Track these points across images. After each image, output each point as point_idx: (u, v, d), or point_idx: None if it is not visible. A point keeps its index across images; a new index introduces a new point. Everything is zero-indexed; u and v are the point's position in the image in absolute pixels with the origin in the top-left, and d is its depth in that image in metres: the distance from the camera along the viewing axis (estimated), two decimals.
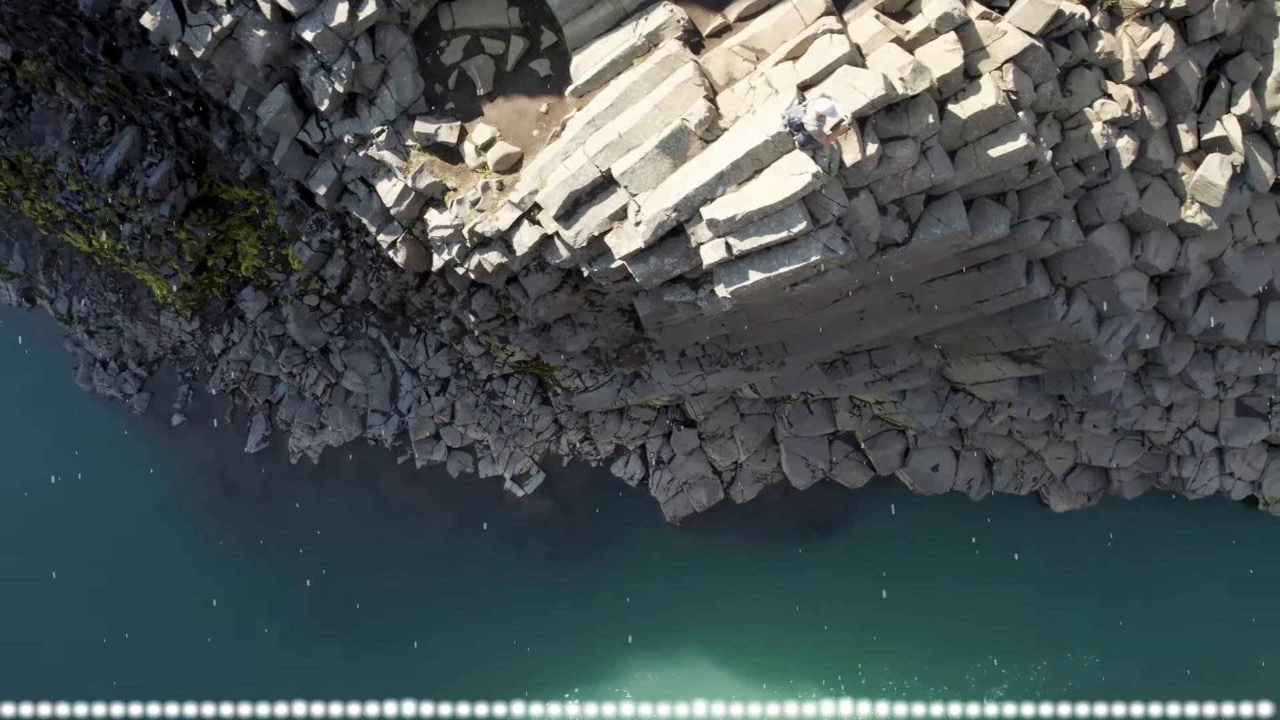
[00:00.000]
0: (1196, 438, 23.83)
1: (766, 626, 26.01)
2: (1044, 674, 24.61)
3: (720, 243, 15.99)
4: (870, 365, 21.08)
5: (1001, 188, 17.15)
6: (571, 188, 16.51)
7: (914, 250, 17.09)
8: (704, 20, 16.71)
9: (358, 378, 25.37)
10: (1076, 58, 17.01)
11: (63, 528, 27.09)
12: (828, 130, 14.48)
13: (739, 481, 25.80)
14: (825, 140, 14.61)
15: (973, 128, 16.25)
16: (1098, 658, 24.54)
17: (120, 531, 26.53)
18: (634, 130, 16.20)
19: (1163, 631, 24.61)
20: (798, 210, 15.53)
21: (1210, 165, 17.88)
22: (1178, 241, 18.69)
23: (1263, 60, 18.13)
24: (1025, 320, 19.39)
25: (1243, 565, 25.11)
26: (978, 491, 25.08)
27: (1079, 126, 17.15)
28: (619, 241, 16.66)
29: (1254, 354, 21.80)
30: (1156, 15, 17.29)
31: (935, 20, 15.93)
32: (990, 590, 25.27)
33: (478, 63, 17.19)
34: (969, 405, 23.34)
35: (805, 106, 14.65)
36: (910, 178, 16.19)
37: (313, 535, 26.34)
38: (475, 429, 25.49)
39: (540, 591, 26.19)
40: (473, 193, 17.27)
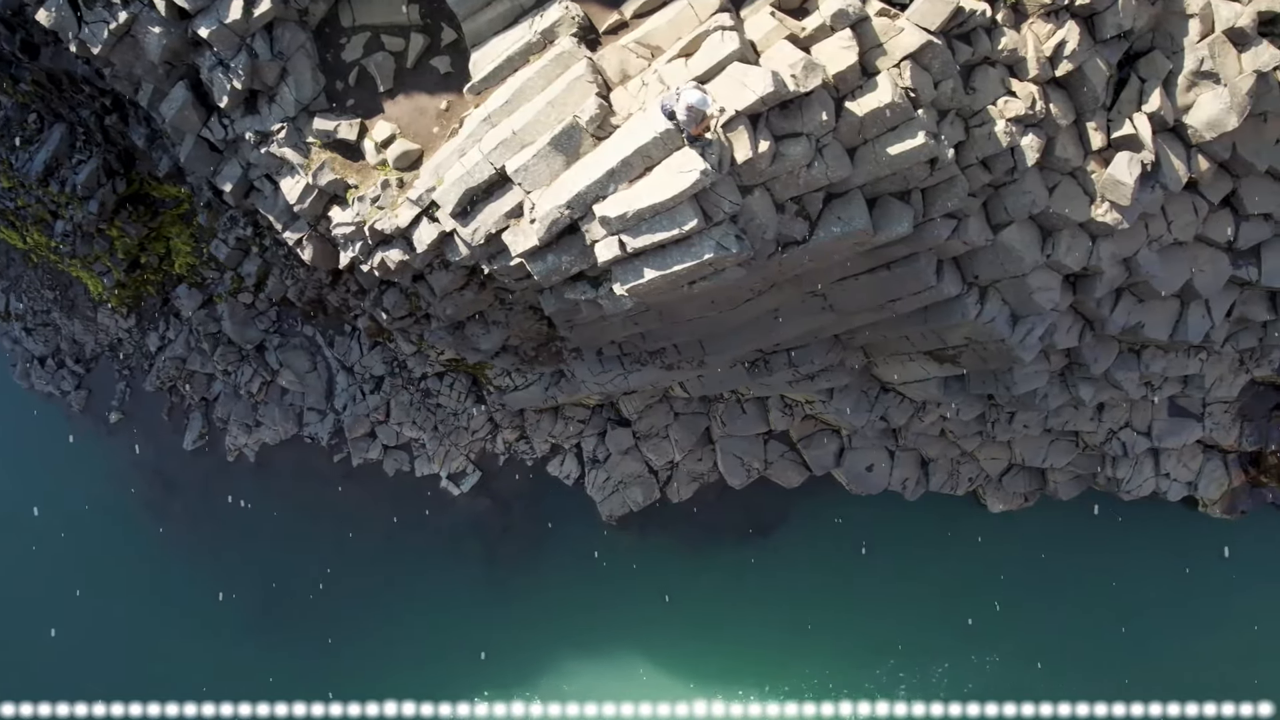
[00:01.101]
0: (1129, 438, 23.66)
1: (704, 626, 25.92)
2: (946, 674, 24.56)
3: (614, 240, 15.93)
4: (789, 364, 20.99)
5: (905, 186, 17.04)
6: (467, 185, 16.49)
7: (815, 249, 17.00)
8: (601, 17, 16.66)
9: (293, 376, 25.35)
10: (979, 55, 16.88)
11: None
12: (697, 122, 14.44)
13: (675, 481, 25.71)
14: (695, 131, 14.52)
15: (871, 125, 16.16)
16: (1001, 657, 24.42)
17: (58, 529, 26.56)
18: (527, 127, 16.16)
19: (1087, 632, 24.47)
20: (689, 208, 15.47)
21: (1119, 164, 17.72)
22: (1089, 240, 18.54)
23: (1174, 58, 17.93)
24: (939, 320, 19.28)
25: (1179, 566, 24.93)
26: (912, 492, 24.95)
27: (982, 124, 17.01)
28: (516, 239, 16.63)
29: (1179, 354, 21.64)
30: (1062, 12, 17.13)
31: (830, 17, 15.85)
32: (920, 591, 25.16)
33: (377, 60, 17.17)
34: (899, 405, 23.22)
35: (679, 94, 14.58)
36: (806, 175, 16.09)
37: (251, 533, 26.36)
38: (410, 427, 25.46)
39: (477, 590, 26.16)
40: (373, 190, 17.26)
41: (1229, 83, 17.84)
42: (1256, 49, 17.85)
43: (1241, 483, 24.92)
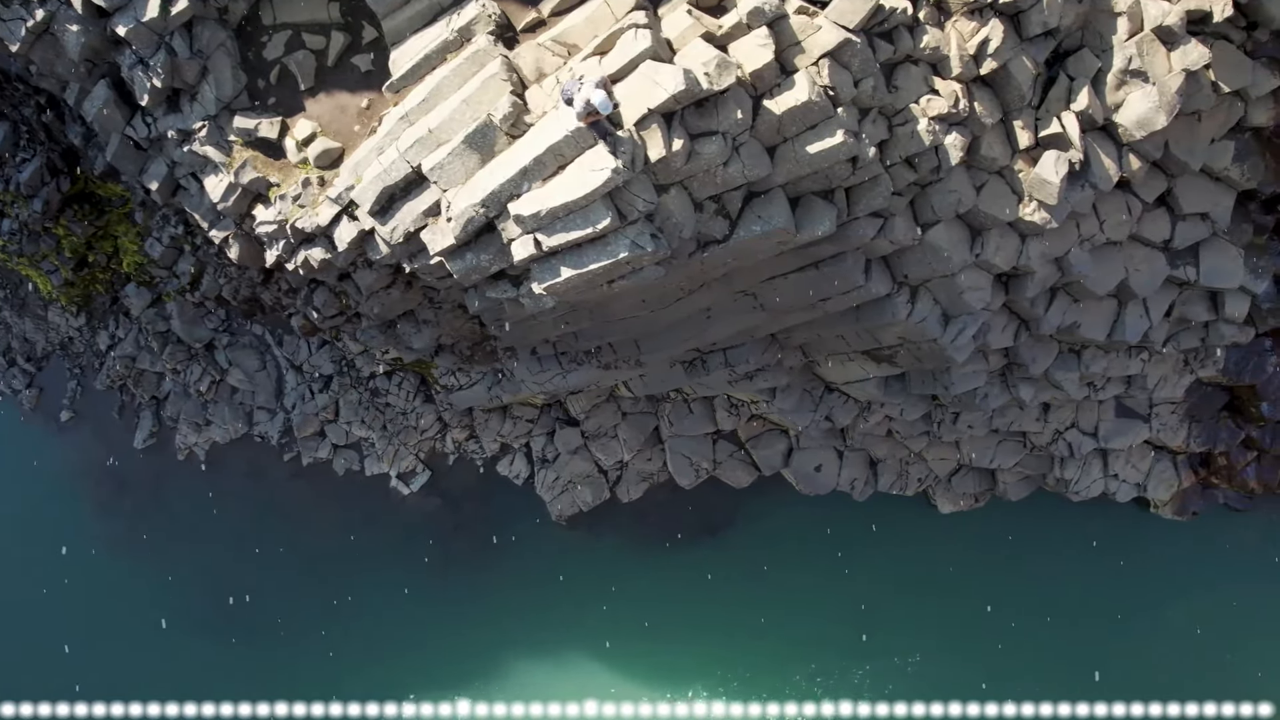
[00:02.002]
0: (1075, 439, 23.53)
1: (654, 626, 25.84)
2: (913, 671, 24.54)
3: (529, 239, 15.89)
4: (725, 364, 20.92)
5: (827, 184, 16.94)
6: (385, 183, 16.45)
7: (737, 248, 16.92)
8: (519, 15, 16.60)
9: (242, 375, 25.34)
10: (901, 53, 16.79)
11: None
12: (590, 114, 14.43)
13: (625, 481, 25.65)
14: (584, 120, 14.46)
15: (789, 124, 16.07)
16: (948, 658, 24.34)
17: (9, 526, 26.58)
18: (443, 125, 16.11)
19: (1034, 632, 24.37)
20: (602, 206, 15.42)
21: (1046, 162, 17.62)
22: (1019, 239, 18.44)
23: (1103, 57, 17.84)
24: (871, 319, 19.19)
25: (1127, 567, 24.78)
26: (861, 492, 24.86)
27: (905, 123, 16.91)
28: (434, 238, 16.59)
29: (1120, 354, 21.52)
30: (986, 10, 17.04)
31: (747, 15, 15.76)
32: (871, 591, 25.06)
33: (298, 58, 17.15)
34: (844, 405, 23.12)
35: (581, 84, 14.52)
36: (723, 174, 16.01)
37: (202, 531, 26.36)
38: (359, 426, 25.44)
39: (427, 590, 26.11)
40: (294, 189, 17.24)
41: (1158, 81, 17.73)
42: (1185, 48, 17.76)
43: (1192, 484, 24.76)
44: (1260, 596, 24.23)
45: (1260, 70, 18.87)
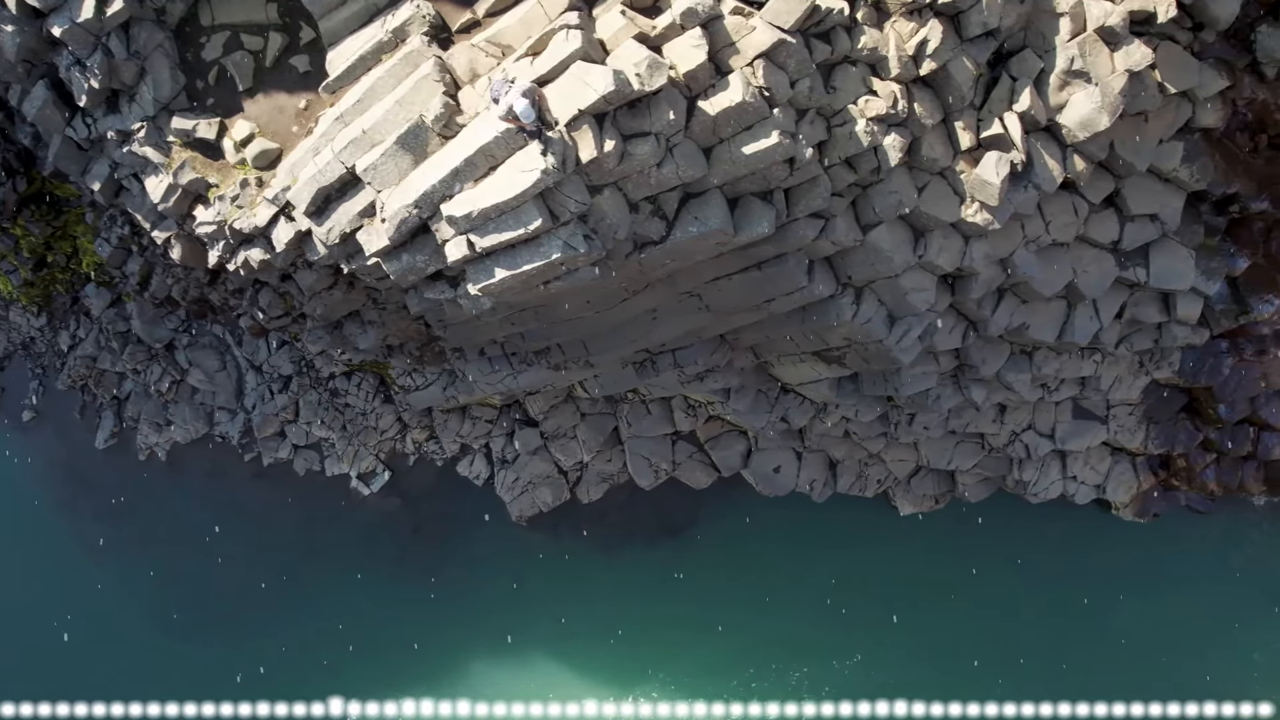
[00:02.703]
0: (1032, 441, 23.45)
1: (614, 626, 25.80)
2: (852, 671, 24.48)
3: (463, 240, 15.89)
4: (675, 365, 20.89)
5: (766, 185, 16.91)
6: (320, 184, 16.44)
7: (674, 249, 16.89)
8: (454, 16, 16.58)
9: (202, 375, 25.36)
10: (839, 54, 16.72)
11: None
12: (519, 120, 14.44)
13: (585, 481, 25.61)
14: (508, 121, 14.46)
15: (724, 124, 16.03)
16: (907, 657, 24.30)
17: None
18: (377, 126, 16.10)
19: (992, 633, 24.33)
20: (533, 207, 15.41)
21: (987, 163, 17.55)
22: (962, 241, 18.37)
23: (1045, 57, 17.75)
24: (816, 320, 19.15)
25: (1086, 567, 24.73)
26: (820, 493, 24.80)
27: (844, 123, 16.86)
28: (369, 238, 16.58)
29: (1072, 356, 21.45)
30: (925, 11, 16.96)
31: (680, 15, 15.71)
32: (829, 592, 25.01)
33: (236, 59, 17.15)
34: (800, 406, 23.08)
35: (509, 87, 14.48)
36: (657, 174, 15.98)
37: (164, 532, 26.37)
38: (319, 427, 25.43)
39: (388, 590, 26.09)
40: (233, 189, 17.25)
41: (1100, 82, 17.65)
42: (1128, 48, 17.67)
43: (1152, 486, 24.67)
44: (1219, 597, 24.18)
45: (1208, 71, 18.82)
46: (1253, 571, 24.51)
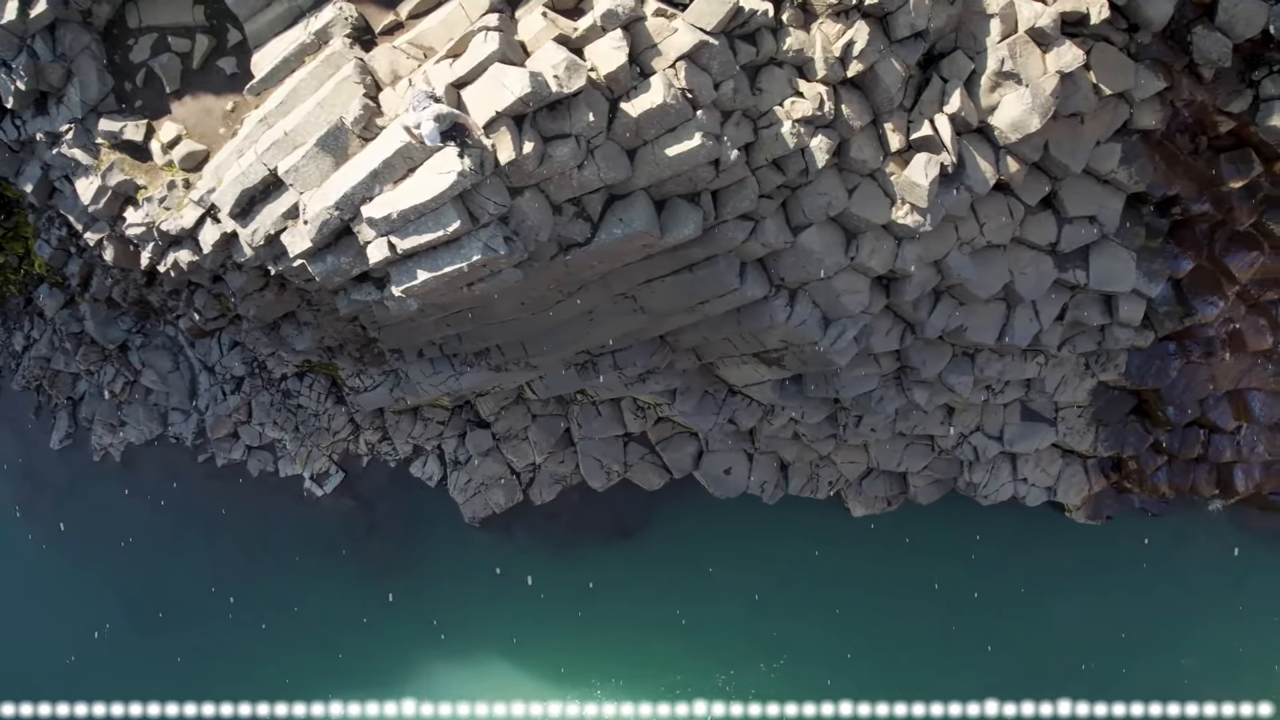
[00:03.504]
0: (980, 443, 23.38)
1: (569, 627, 25.83)
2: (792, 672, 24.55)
3: (384, 241, 15.87)
4: (615, 367, 20.88)
5: (692, 187, 16.88)
6: (243, 185, 16.46)
7: (600, 250, 16.88)
8: (377, 18, 16.61)
9: (155, 376, 25.40)
10: (764, 55, 16.71)
11: None
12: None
13: (538, 483, 25.61)
14: (410, 132, 14.49)
15: (647, 126, 16.01)
16: (858, 659, 24.34)
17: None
18: (299, 128, 16.11)
19: (940, 633, 24.34)
20: (452, 209, 15.39)
21: (916, 165, 17.51)
22: (894, 243, 18.33)
23: (976, 59, 17.70)
24: (751, 322, 19.12)
25: (1036, 569, 24.70)
26: (771, 495, 24.76)
27: (770, 125, 16.83)
28: (293, 240, 16.57)
29: (1014, 358, 21.39)
30: (851, 12, 16.94)
31: (600, 17, 15.68)
32: (780, 593, 25.06)
33: (163, 61, 17.18)
34: (747, 407, 23.05)
35: (426, 104, 14.46)
36: (579, 177, 15.96)
37: (119, 533, 26.42)
38: (272, 428, 25.46)
39: (342, 590, 26.14)
40: (160, 191, 17.27)
41: (1031, 83, 17.59)
42: (1059, 49, 17.60)
43: (1104, 488, 24.59)
44: (1157, 600, 24.16)
45: (1144, 72, 18.75)
46: (1197, 574, 24.47)
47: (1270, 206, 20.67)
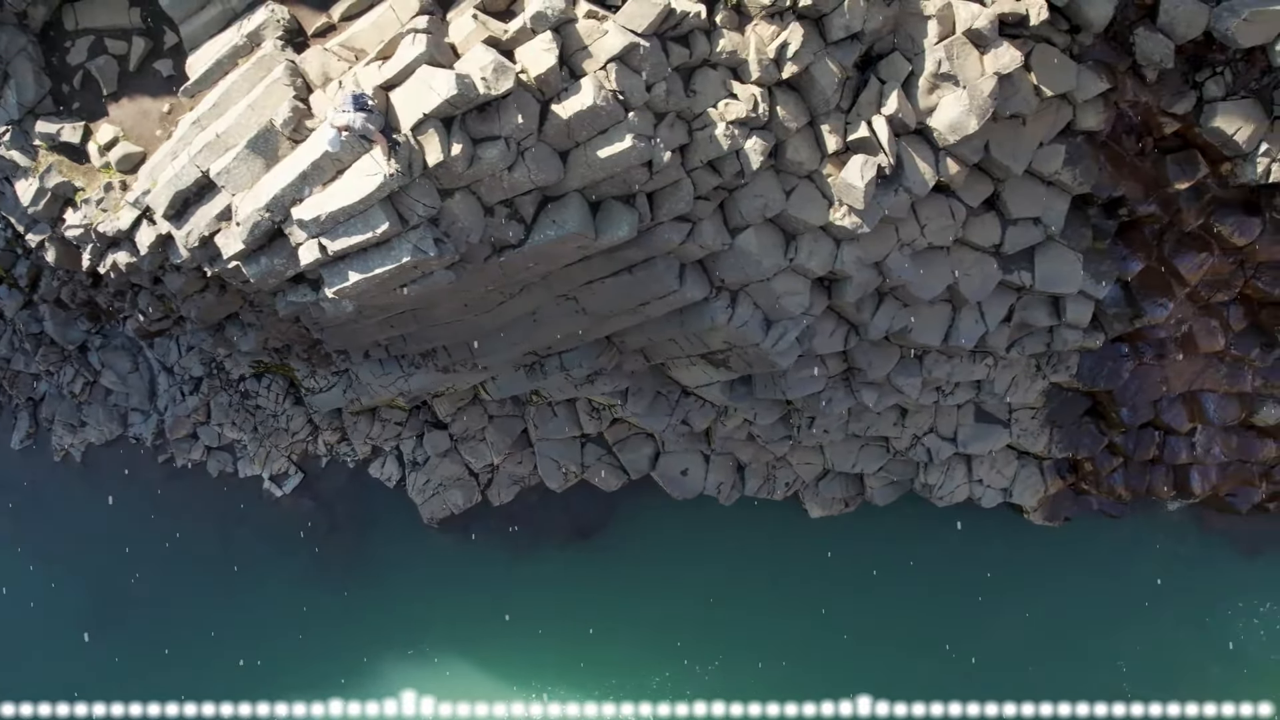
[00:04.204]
0: (934, 444, 23.35)
1: (527, 628, 25.83)
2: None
3: (314, 243, 15.94)
4: (561, 368, 20.90)
5: (627, 189, 16.89)
6: (177, 187, 16.52)
7: (534, 252, 16.91)
8: (309, 20, 16.67)
9: (115, 376, 25.47)
10: (698, 57, 16.73)
11: None
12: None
13: (496, 484, 25.63)
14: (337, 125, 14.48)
15: (578, 128, 16.04)
16: (816, 660, 24.43)
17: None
18: (230, 130, 16.17)
19: (895, 635, 24.36)
20: (380, 210, 15.46)
21: (852, 167, 17.50)
22: (833, 244, 18.33)
23: (914, 60, 17.69)
24: (694, 324, 19.14)
25: (993, 570, 24.68)
26: (727, 496, 24.77)
27: (705, 127, 16.86)
28: (227, 242, 16.63)
29: (962, 359, 21.36)
30: (786, 14, 16.96)
31: (530, 19, 15.75)
32: (739, 593, 25.08)
33: (100, 63, 17.28)
34: (700, 409, 23.06)
35: (346, 109, 14.48)
36: (509, 178, 15.99)
37: (80, 533, 26.48)
38: (231, 428, 25.52)
39: (302, 590, 26.15)
40: (97, 193, 17.33)
41: (969, 85, 17.59)
42: (997, 50, 17.60)
43: (1061, 490, 24.54)
44: (1105, 601, 24.19)
45: (1086, 74, 18.72)
46: (1155, 575, 24.44)
47: (1218, 208, 20.63)
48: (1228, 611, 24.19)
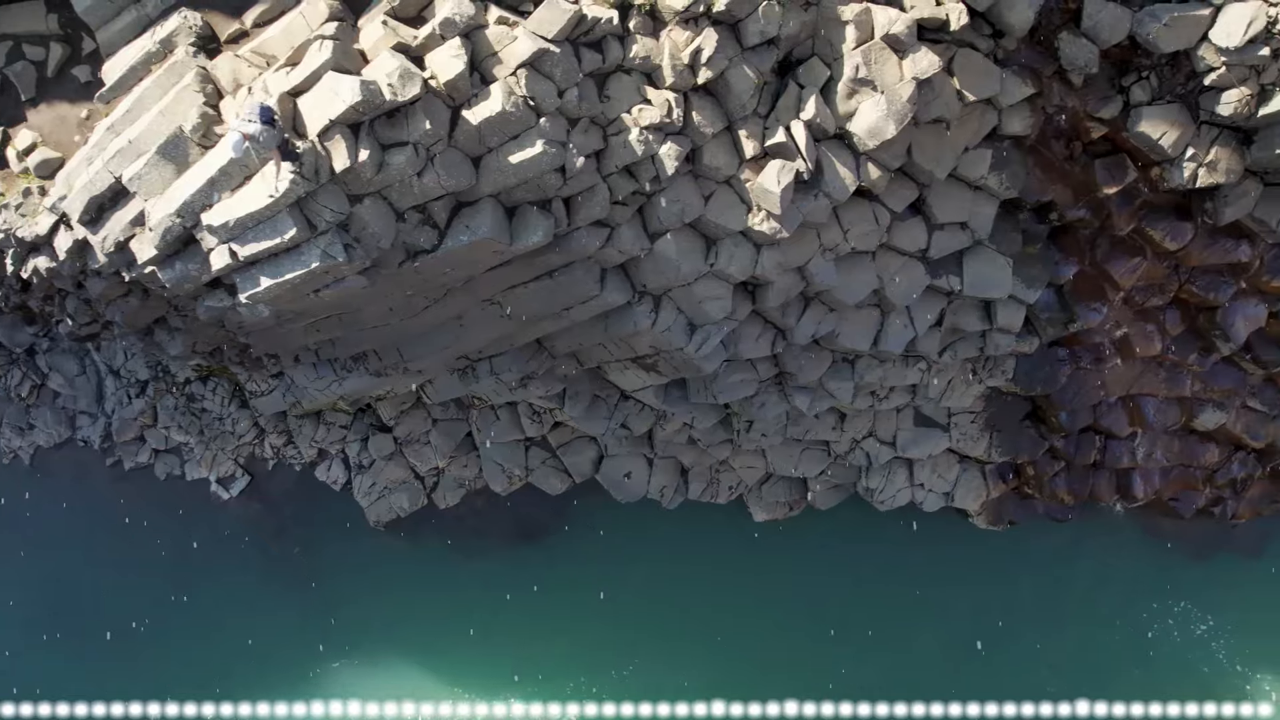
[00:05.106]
0: (873, 448, 23.37)
1: (473, 630, 25.89)
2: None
3: (225, 249, 16.02)
4: (492, 372, 20.95)
5: (542, 194, 16.94)
6: (92, 193, 16.60)
7: (448, 257, 16.93)
8: (222, 26, 16.74)
9: (62, 379, 25.55)
10: (611, 63, 16.76)
11: None
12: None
13: (442, 487, 25.66)
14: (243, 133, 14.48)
15: (489, 134, 16.10)
16: (760, 662, 24.50)
17: None
18: (142, 136, 16.23)
19: (830, 637, 24.43)
20: (288, 216, 15.52)
21: (769, 172, 17.52)
22: (754, 249, 18.34)
23: (833, 65, 17.71)
24: (618, 328, 19.17)
25: (933, 574, 24.68)
26: (670, 500, 24.78)
27: (619, 132, 16.90)
28: (141, 247, 16.70)
29: (895, 364, 21.35)
30: (701, 19, 16.98)
31: (439, 25, 15.80)
32: (682, 596, 25.10)
33: (17, 69, 17.39)
34: (640, 413, 23.06)
35: (251, 119, 14.51)
36: (419, 184, 16.03)
37: (29, 535, 26.56)
38: (177, 431, 25.59)
39: (249, 593, 26.20)
40: (16, 198, 17.41)
41: (887, 90, 17.61)
42: (915, 56, 17.62)
43: (1003, 494, 24.52)
44: (1055, 603, 24.17)
45: (1010, 78, 18.73)
46: (1088, 580, 24.44)
47: (1150, 213, 20.62)
48: (1143, 614, 24.29)
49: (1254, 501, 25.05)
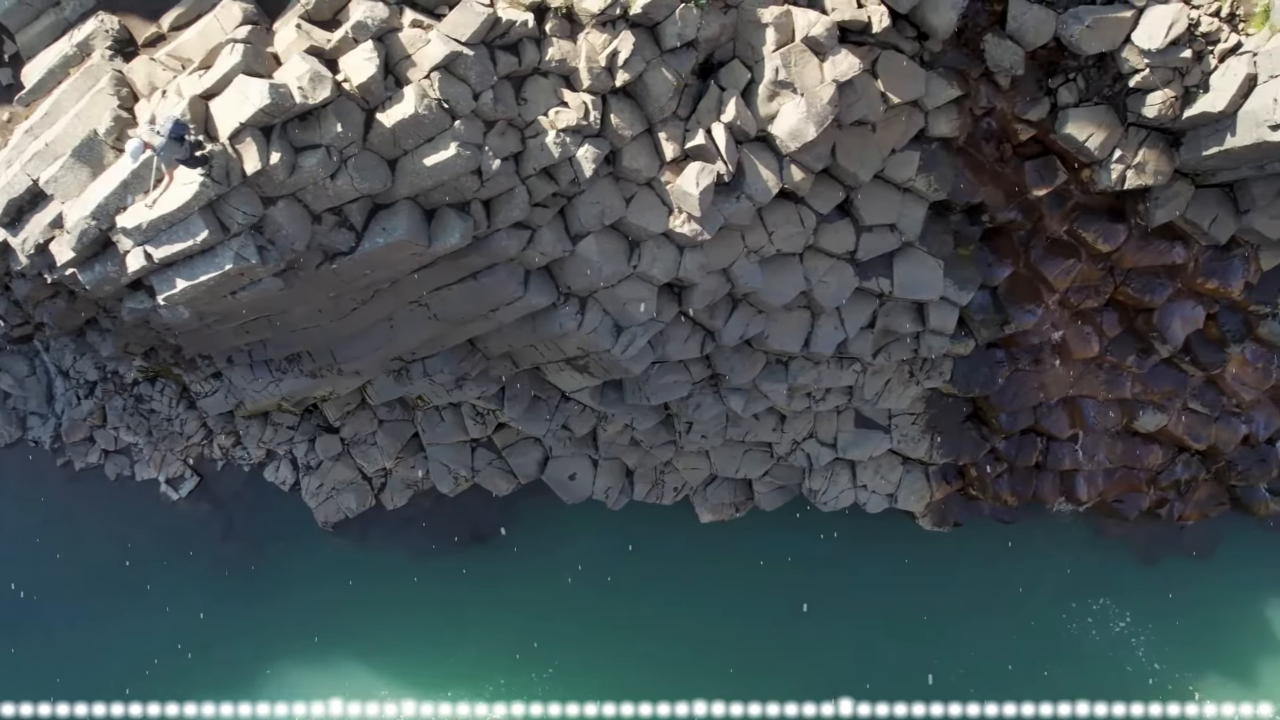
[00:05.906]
0: (814, 450, 23.39)
1: (422, 630, 25.94)
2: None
3: (140, 251, 16.11)
4: (425, 373, 21.01)
5: (460, 196, 17.02)
6: (10, 195, 16.70)
7: (366, 260, 17.01)
8: (140, 30, 16.82)
9: (12, 380, 25.69)
10: (527, 65, 16.82)
11: None
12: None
13: (389, 488, 25.72)
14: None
15: (404, 136, 16.18)
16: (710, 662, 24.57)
17: None
18: (58, 139, 16.33)
19: (776, 638, 24.48)
20: (200, 219, 15.60)
21: (688, 175, 17.56)
22: (676, 251, 18.39)
23: (754, 68, 17.75)
24: (545, 329, 19.22)
25: (878, 573, 24.73)
26: (615, 501, 24.83)
27: (536, 135, 16.96)
28: (60, 250, 16.79)
29: (829, 365, 21.38)
30: (618, 22, 17.02)
31: (351, 29, 15.88)
32: (629, 596, 25.16)
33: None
34: (580, 414, 23.11)
35: (158, 130, 14.60)
36: (333, 186, 16.11)
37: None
38: (126, 432, 25.70)
39: (199, 593, 26.28)
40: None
41: (807, 92, 17.64)
42: (836, 58, 17.64)
43: (947, 495, 24.51)
44: (1000, 602, 24.25)
45: (936, 80, 18.78)
46: (1039, 579, 24.48)
47: (1083, 214, 20.62)
48: (1061, 614, 24.39)
49: (1200, 503, 25.02)
